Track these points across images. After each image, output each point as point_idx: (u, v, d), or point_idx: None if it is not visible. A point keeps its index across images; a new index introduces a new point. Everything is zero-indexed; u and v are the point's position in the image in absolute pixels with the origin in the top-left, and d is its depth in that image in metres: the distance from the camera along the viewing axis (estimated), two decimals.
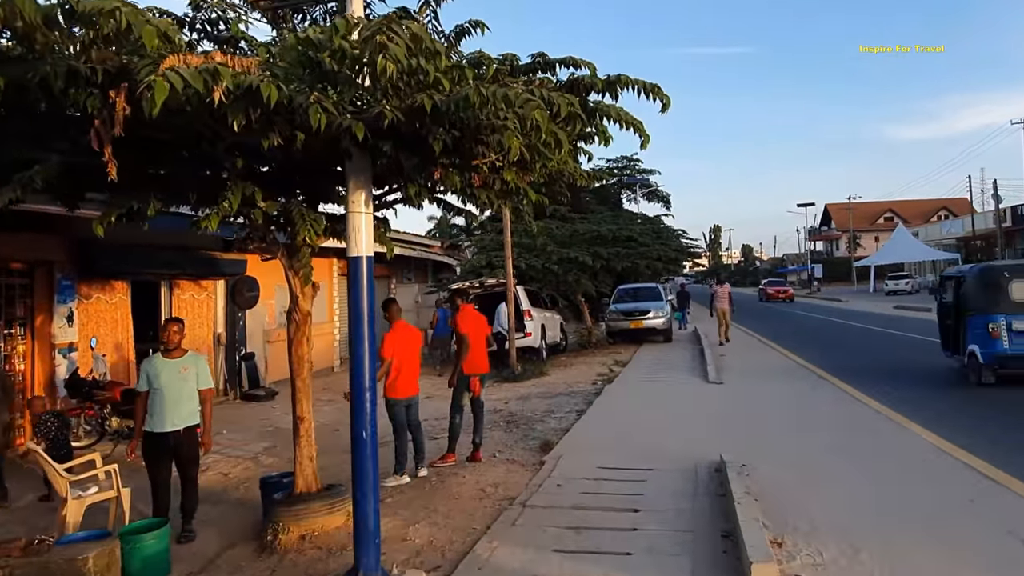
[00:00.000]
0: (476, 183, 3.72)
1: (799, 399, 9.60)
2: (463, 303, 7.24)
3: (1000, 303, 9.89)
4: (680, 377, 11.98)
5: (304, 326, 5.20)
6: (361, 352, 3.73)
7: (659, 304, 18.78)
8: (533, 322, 15.37)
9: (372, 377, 3.83)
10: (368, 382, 3.74)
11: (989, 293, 10.10)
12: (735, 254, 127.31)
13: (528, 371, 13.49)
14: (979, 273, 10.67)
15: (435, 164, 3.41)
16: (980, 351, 9.93)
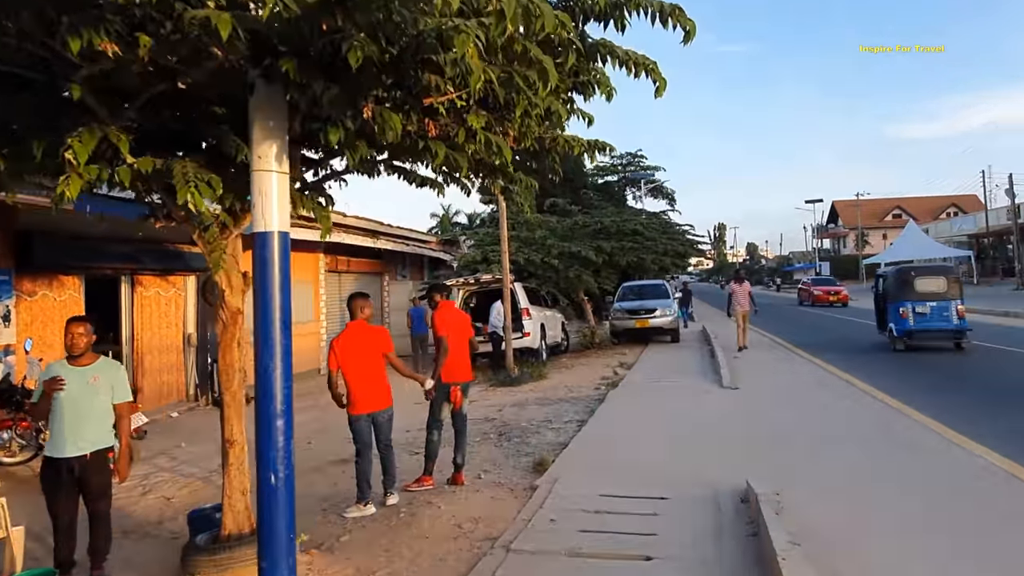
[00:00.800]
0: (431, 131, 2.71)
1: (824, 406, 8.58)
2: (443, 300, 6.23)
3: (908, 293, 13.75)
4: (691, 382, 10.94)
5: (233, 327, 4.22)
6: (270, 364, 2.73)
7: (666, 302, 17.73)
8: (532, 321, 14.36)
9: (286, 398, 2.82)
10: (280, 405, 2.74)
11: (901, 286, 13.93)
12: (740, 252, 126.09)
13: (526, 374, 12.48)
14: (896, 272, 14.76)
15: (364, 96, 2.41)
16: (895, 328, 13.89)
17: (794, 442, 6.78)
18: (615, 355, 15.76)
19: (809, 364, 12.68)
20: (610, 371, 12.81)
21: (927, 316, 13.57)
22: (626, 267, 16.74)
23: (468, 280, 14.46)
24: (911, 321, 13.64)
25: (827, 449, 6.46)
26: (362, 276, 17.81)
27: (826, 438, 6.89)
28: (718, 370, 11.56)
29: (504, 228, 12.98)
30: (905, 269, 14.98)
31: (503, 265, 12.95)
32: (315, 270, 15.20)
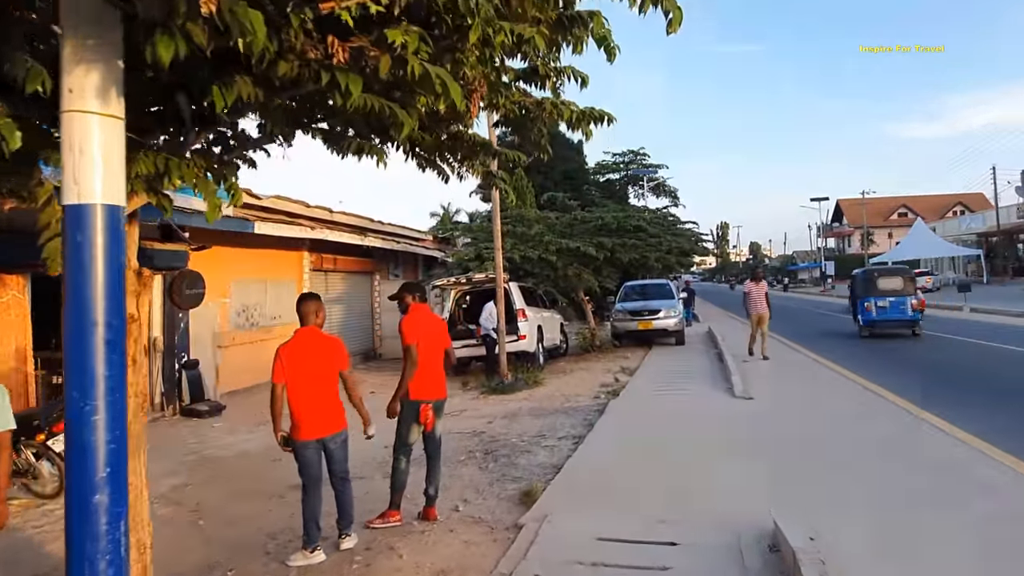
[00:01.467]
0: (339, 57, 1.83)
1: (850, 418, 7.68)
2: (414, 302, 5.33)
3: (872, 290, 16.50)
4: (699, 390, 10.04)
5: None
6: (85, 401, 1.82)
7: (670, 302, 16.83)
8: (527, 323, 13.45)
9: (114, 458, 1.92)
10: (103, 469, 1.84)
11: (867, 284, 16.75)
12: (743, 252, 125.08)
13: (520, 380, 11.59)
14: (862, 273, 17.91)
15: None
16: (861, 319, 16.78)
17: (824, 466, 5.88)
18: (617, 359, 14.87)
19: (828, 371, 11.77)
20: (611, 377, 11.91)
21: (887, 309, 16.28)
22: (628, 265, 15.84)
23: (459, 279, 13.57)
24: (874, 313, 16.42)
25: (864, 475, 5.56)
26: (351, 275, 16.93)
27: (860, 461, 5.99)
28: (728, 377, 10.66)
29: (497, 222, 12.08)
30: (870, 270, 18.41)
31: (496, 263, 12.06)
32: (298, 268, 14.33)
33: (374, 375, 14.69)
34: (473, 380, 12.88)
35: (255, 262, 12.62)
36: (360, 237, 14.87)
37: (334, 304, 16.04)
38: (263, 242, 12.37)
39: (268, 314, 13.18)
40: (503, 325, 12.05)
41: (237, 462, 7.51)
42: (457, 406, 10.37)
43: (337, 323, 16.17)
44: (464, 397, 11.25)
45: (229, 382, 11.76)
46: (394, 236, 17.70)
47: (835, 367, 11.88)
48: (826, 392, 9.61)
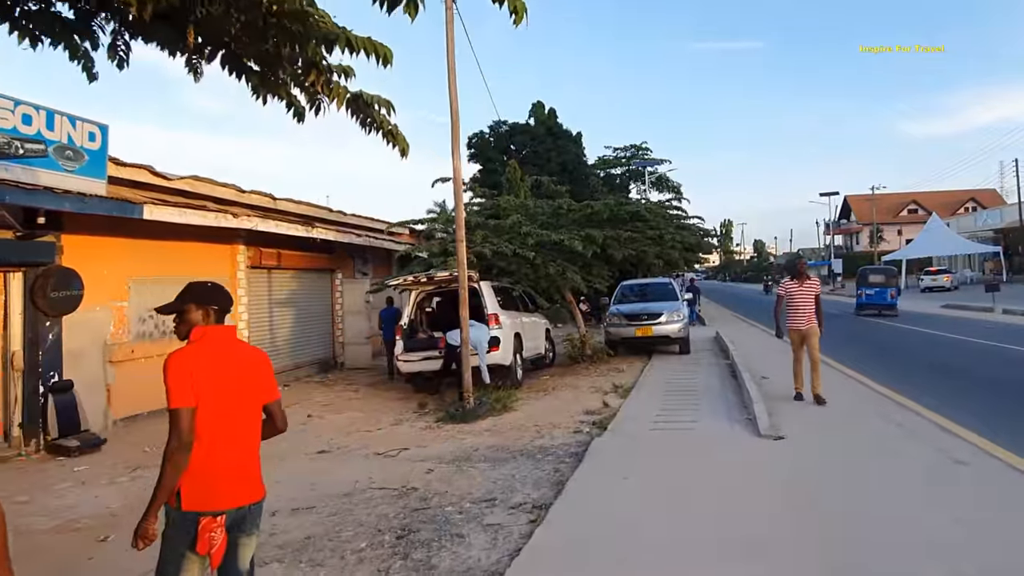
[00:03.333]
0: None
1: (921, 471, 5.40)
2: (204, 322, 2.91)
3: (864, 283, 24.25)
4: (710, 424, 7.72)
5: None
6: None
7: (673, 305, 14.53)
8: (502, 330, 11.17)
9: None
10: None
11: (861, 278, 24.70)
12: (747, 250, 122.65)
13: (485, 404, 9.31)
14: (860, 270, 26.11)
15: None
16: (855, 303, 24.55)
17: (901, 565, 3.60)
18: (609, 372, 12.58)
19: (874, 394, 9.45)
20: (599, 400, 9.63)
21: (872, 295, 23.74)
22: (623, 262, 13.53)
23: (418, 277, 11.26)
24: (863, 298, 23.95)
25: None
26: (304, 273, 14.66)
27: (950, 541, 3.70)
28: (747, 402, 8.37)
29: (460, 207, 9.78)
30: (865, 268, 26.23)
31: (458, 257, 9.78)
32: (230, 265, 12.06)
33: (325, 392, 12.42)
34: (434, 402, 10.61)
35: (166, 257, 10.35)
36: (305, 228, 12.58)
37: (280, 307, 13.76)
38: (177, 232, 10.11)
39: None
40: (467, 335, 9.77)
41: (51, 542, 5.22)
42: (400, 440, 8.12)
43: (285, 329, 13.91)
44: (414, 426, 8.98)
45: (127, 405, 9.50)
46: (353, 228, 15.40)
47: (887, 392, 9.55)
48: (884, 430, 7.30)
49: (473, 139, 41.41)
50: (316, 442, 8.22)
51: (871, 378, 10.30)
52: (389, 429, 8.90)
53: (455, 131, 9.62)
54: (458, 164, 9.80)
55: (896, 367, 11.73)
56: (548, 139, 39.27)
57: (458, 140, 9.59)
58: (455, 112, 9.46)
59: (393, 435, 8.48)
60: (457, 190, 9.87)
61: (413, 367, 11.34)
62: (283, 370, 13.58)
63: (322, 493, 5.97)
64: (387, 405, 10.85)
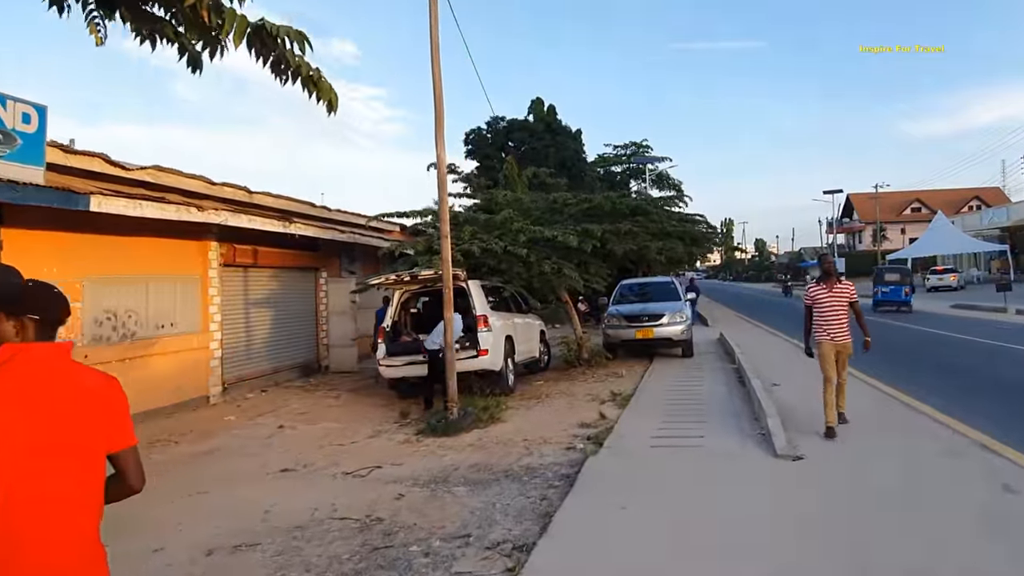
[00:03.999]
0: None
1: (977, 505, 4.60)
2: (14, 334, 2.03)
3: (880, 281, 25.18)
4: (718, 440, 6.89)
5: None
6: None
7: (676, 305, 13.72)
8: (491, 333, 10.36)
9: None
10: None
11: (877, 277, 25.64)
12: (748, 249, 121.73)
13: (470, 414, 8.50)
14: (877, 269, 27.80)
15: None
16: (872, 300, 24.34)
17: None
18: (607, 377, 11.77)
19: (898, 405, 8.64)
20: (595, 409, 8.81)
21: (888, 293, 24.73)
22: (623, 259, 12.68)
23: (401, 276, 10.44)
24: (880, 295, 24.76)
25: None
26: (284, 272, 13.84)
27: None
28: (759, 414, 7.56)
29: (444, 199, 8.98)
30: (880, 267, 28.10)
31: (443, 253, 8.98)
32: (201, 263, 11.25)
33: (303, 398, 11.61)
34: (418, 410, 9.81)
35: (127, 254, 9.55)
36: (281, 224, 11.76)
37: (257, 308, 12.96)
38: (139, 228, 9.31)
39: (151, 322, 10.11)
40: (451, 338, 8.96)
41: None
42: (374, 455, 7.32)
43: (263, 331, 13.11)
44: (392, 439, 8.17)
45: None
46: (337, 224, 14.58)
47: (913, 403, 8.75)
48: (918, 448, 6.49)
49: (470, 135, 40.54)
50: (281, 458, 7.41)
51: (892, 385, 9.48)
52: (364, 443, 8.09)
53: (439, 115, 8.81)
54: (442, 153, 8.99)
55: (920, 373, 10.91)
56: (547, 136, 38.44)
57: (442, 125, 8.79)
58: (439, 94, 8.66)
59: (367, 450, 7.68)
60: (441, 180, 9.05)
61: (396, 372, 10.54)
62: (260, 374, 12.79)
63: (273, 525, 5.17)
64: (367, 414, 10.04)
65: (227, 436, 8.78)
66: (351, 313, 15.22)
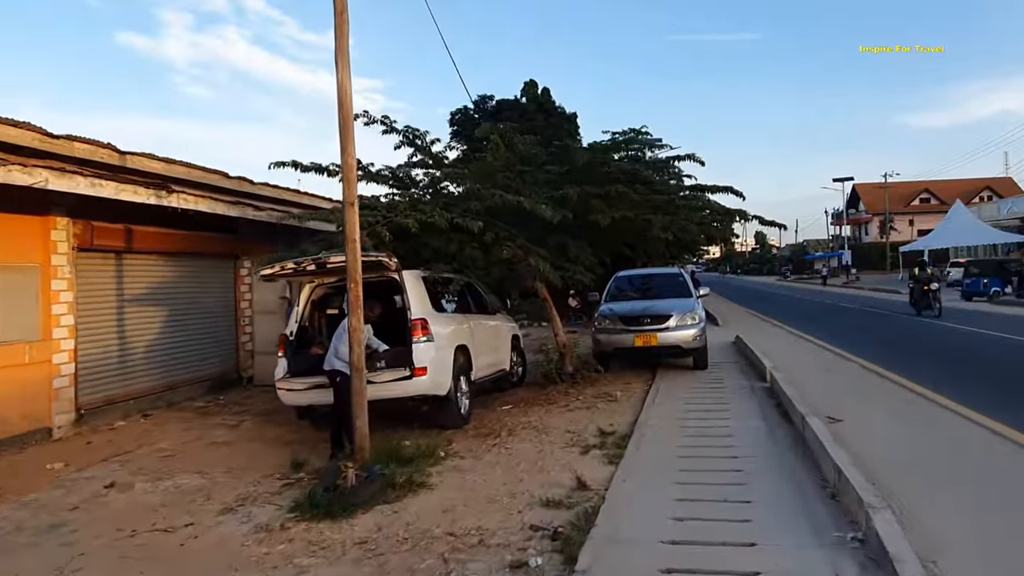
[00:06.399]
0: None
1: None
2: None
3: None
4: (789, 556, 3.89)
5: None
6: None
7: (686, 304, 10.69)
8: (431, 345, 7.38)
9: None
10: None
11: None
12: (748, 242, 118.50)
13: (376, 478, 5.44)
14: (967, 262, 30.52)
15: None
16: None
17: None
18: (597, 401, 8.77)
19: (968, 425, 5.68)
20: (573, 466, 5.78)
21: (971, 284, 24.76)
22: (615, 242, 9.56)
23: (303, 264, 7.38)
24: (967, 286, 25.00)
25: None
26: (184, 259, 10.80)
27: None
28: (833, 481, 4.58)
29: (349, 139, 5.93)
30: (970, 262, 29.17)
31: (347, 231, 5.97)
32: (40, 247, 8.22)
33: (186, 429, 8.52)
34: (320, 456, 6.83)
35: None
36: (153, 194, 8.70)
37: (139, 306, 9.92)
38: None
39: None
40: (359, 357, 5.97)
41: None
42: (199, 563, 4.33)
43: (149, 337, 10.08)
44: (251, 520, 5.16)
45: None
46: (253, 199, 11.49)
47: None
48: None
49: (456, 115, 37.43)
50: (40, 567, 4.42)
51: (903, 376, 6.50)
52: (206, 528, 5.08)
53: (340, 18, 5.80)
54: (345, 77, 5.95)
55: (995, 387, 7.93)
56: (539, 116, 35.50)
57: (344, 31, 5.77)
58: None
59: (197, 547, 4.68)
60: (345, 118, 6.00)
61: (298, 398, 7.56)
62: (143, 394, 9.77)
63: None
64: (255, 459, 7.05)
65: (12, 506, 5.77)
66: (283, 312, 12.16)
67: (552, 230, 8.12)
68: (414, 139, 8.91)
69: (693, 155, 10.39)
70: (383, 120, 8.75)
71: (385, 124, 8.80)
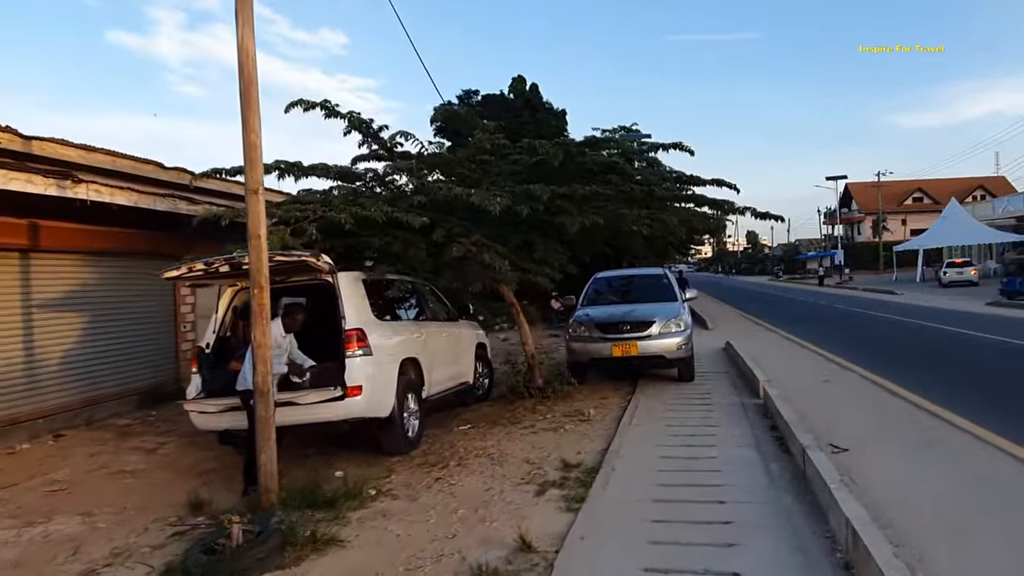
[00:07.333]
0: None
1: None
2: None
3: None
4: None
5: None
6: None
7: (670, 308, 9.62)
8: (369, 360, 6.31)
9: None
10: None
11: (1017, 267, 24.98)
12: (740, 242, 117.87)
13: (272, 535, 4.33)
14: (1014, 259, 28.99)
15: None
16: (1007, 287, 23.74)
17: None
18: (566, 420, 7.70)
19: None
20: (518, 520, 4.69)
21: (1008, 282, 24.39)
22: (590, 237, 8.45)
23: (213, 265, 6.27)
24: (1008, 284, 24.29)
25: None
26: (112, 259, 9.67)
27: None
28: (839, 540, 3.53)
29: (252, 111, 4.86)
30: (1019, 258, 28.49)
31: (250, 225, 4.91)
32: None
33: (98, 453, 7.39)
34: (229, 493, 5.74)
35: None
36: (53, 184, 7.56)
37: (51, 312, 8.77)
38: None
39: None
40: (263, 378, 4.88)
41: None
42: None
43: (64, 347, 8.94)
44: None
45: None
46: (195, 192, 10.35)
47: None
48: None
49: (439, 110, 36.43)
50: None
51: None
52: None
53: None
54: (247, 37, 4.86)
55: None
56: (526, 112, 34.49)
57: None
58: None
59: None
60: (246, 84, 4.91)
61: (212, 422, 6.47)
62: (55, 411, 8.64)
63: None
64: (154, 498, 5.94)
65: None
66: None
67: (518, 227, 7.03)
68: (361, 125, 7.79)
69: (680, 143, 9.29)
70: (324, 104, 7.64)
71: (327, 109, 7.69)
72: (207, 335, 6.92)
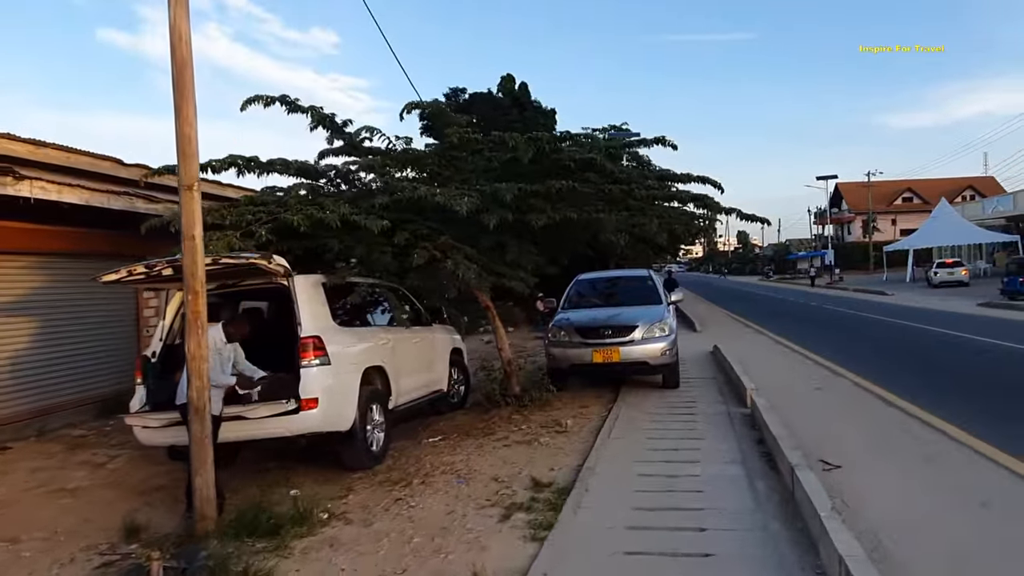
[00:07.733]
0: None
1: None
2: None
3: None
4: None
5: None
6: None
7: (654, 312, 9.20)
8: (328, 370, 5.86)
9: None
10: None
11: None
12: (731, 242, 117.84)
13: (196, 567, 3.87)
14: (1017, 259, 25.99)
15: None
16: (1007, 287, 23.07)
17: None
18: (543, 431, 7.26)
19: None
20: (476, 552, 4.24)
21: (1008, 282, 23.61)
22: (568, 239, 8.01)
23: (155, 267, 5.80)
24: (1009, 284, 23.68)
25: None
26: (66, 261, 9.17)
27: None
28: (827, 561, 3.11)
29: (186, 96, 4.40)
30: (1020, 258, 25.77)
31: (183, 225, 4.43)
32: None
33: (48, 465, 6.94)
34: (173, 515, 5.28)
35: None
36: None
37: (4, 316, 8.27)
38: None
39: None
40: (198, 393, 4.42)
41: None
42: None
43: (15, 351, 8.44)
44: None
45: None
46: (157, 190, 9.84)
47: None
48: None
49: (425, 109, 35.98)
50: None
51: None
52: None
53: None
54: (180, 18, 4.40)
55: None
56: (514, 111, 34.08)
57: None
58: None
59: None
60: (179, 69, 4.44)
61: (157, 437, 6.02)
62: (5, 421, 8.14)
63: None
64: (90, 521, 5.46)
65: None
66: None
67: (490, 229, 6.59)
68: (325, 120, 7.33)
69: (663, 138, 8.88)
70: (283, 99, 7.17)
71: (288, 103, 7.23)
72: (153, 343, 6.46)
